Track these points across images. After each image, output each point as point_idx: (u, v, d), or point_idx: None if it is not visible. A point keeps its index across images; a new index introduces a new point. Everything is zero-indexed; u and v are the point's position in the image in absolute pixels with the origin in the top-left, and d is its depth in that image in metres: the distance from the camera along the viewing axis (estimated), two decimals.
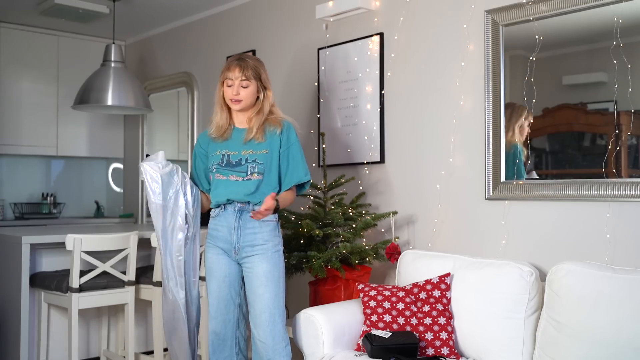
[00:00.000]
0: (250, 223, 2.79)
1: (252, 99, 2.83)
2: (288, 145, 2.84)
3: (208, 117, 4.99)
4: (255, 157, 2.80)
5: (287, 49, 4.23)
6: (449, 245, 3.22)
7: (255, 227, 2.78)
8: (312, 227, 3.19)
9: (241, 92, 2.80)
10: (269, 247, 2.79)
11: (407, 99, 3.48)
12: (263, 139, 2.82)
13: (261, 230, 2.79)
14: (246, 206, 2.80)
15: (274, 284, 2.77)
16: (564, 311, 2.40)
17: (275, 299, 2.76)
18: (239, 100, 2.81)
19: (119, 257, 3.45)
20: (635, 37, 2.59)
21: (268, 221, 2.80)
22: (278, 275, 2.79)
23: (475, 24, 3.15)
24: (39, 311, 3.58)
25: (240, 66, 2.79)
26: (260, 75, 2.83)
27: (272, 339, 2.73)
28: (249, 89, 2.80)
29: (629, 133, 2.59)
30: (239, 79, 2.79)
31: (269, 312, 2.74)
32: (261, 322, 2.74)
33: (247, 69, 2.79)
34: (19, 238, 3.45)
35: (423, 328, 2.70)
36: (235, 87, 2.80)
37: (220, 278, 2.85)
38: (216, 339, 2.88)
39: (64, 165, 5.95)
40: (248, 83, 2.79)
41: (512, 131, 2.98)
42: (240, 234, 2.79)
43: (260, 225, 2.79)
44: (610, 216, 2.64)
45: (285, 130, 2.85)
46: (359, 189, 3.65)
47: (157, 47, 5.65)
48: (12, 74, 5.37)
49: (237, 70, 2.79)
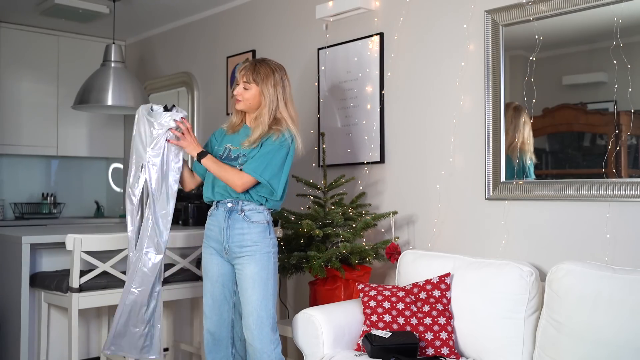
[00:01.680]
0: (238, 223, 2.77)
1: (255, 102, 2.82)
2: (270, 143, 2.75)
3: (208, 117, 5.03)
4: (246, 152, 2.79)
5: (287, 49, 4.23)
6: (449, 245, 3.22)
7: (244, 228, 2.77)
8: (312, 227, 3.19)
9: (243, 93, 2.81)
10: (258, 249, 2.76)
11: (407, 99, 3.48)
12: (255, 145, 2.76)
13: (250, 231, 2.77)
14: (235, 206, 2.79)
15: (261, 286, 2.75)
16: (564, 311, 2.40)
17: (262, 301, 2.74)
18: (239, 100, 2.84)
19: (119, 257, 3.45)
20: (635, 37, 2.60)
21: (257, 222, 2.78)
22: (266, 277, 2.76)
23: (475, 24, 3.15)
24: (39, 311, 3.58)
25: (246, 67, 2.82)
26: (267, 84, 2.78)
27: (260, 341, 2.72)
28: (250, 91, 2.80)
29: (629, 133, 2.59)
30: (243, 79, 2.81)
31: (257, 314, 2.73)
32: (249, 325, 2.74)
33: (254, 73, 2.79)
34: (19, 238, 3.44)
35: (423, 328, 2.70)
36: (239, 87, 2.82)
37: (214, 278, 2.86)
38: (211, 339, 2.89)
39: (64, 165, 5.94)
40: (249, 86, 2.80)
41: (517, 138, 2.96)
42: (229, 234, 2.78)
43: (249, 226, 2.77)
44: (610, 216, 2.64)
45: (279, 137, 2.76)
46: (359, 189, 3.65)
47: (157, 47, 5.65)
48: (12, 74, 5.37)
49: (243, 72, 2.82)
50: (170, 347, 4.03)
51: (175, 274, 3.57)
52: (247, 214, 2.77)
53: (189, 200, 4.44)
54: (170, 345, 4.03)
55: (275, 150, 2.75)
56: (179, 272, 3.60)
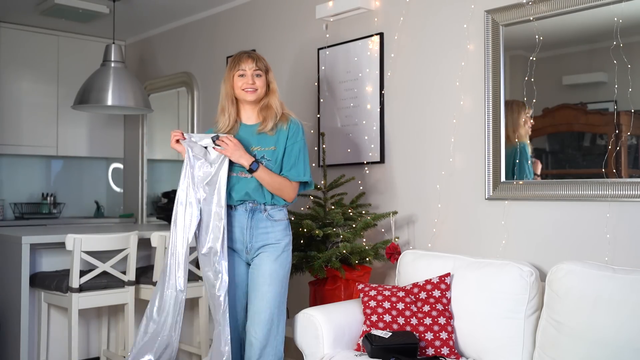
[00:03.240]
0: (262, 223, 2.76)
1: (264, 91, 2.82)
2: (294, 142, 2.81)
3: (208, 117, 5.03)
4: (264, 153, 2.78)
5: (287, 49, 4.23)
6: (449, 245, 3.22)
7: (268, 227, 2.77)
8: (312, 227, 3.20)
9: (256, 81, 2.79)
10: (280, 247, 2.76)
11: (407, 99, 3.48)
12: (272, 133, 2.79)
13: (273, 230, 2.77)
14: (258, 206, 2.77)
15: (278, 283, 2.75)
16: (564, 311, 2.40)
17: (277, 298, 2.74)
18: (255, 89, 2.79)
19: (119, 257, 3.45)
20: (635, 37, 2.59)
21: (280, 220, 2.79)
22: (283, 275, 2.77)
23: (475, 24, 3.15)
24: (39, 311, 3.58)
25: (252, 57, 2.80)
26: (269, 70, 2.84)
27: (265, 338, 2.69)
28: (262, 78, 2.80)
29: (629, 133, 2.59)
30: (252, 69, 2.78)
31: (270, 311, 2.72)
32: (260, 321, 2.71)
33: (259, 61, 2.80)
34: (19, 238, 3.45)
35: (423, 328, 2.70)
36: (249, 77, 2.78)
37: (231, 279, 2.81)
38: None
39: (64, 165, 5.94)
40: (261, 73, 2.79)
41: (517, 128, 2.97)
42: (253, 234, 2.77)
43: (272, 224, 2.77)
44: (610, 216, 2.64)
45: (293, 127, 2.82)
46: (359, 189, 3.65)
47: (157, 47, 5.65)
48: (12, 74, 5.37)
49: (250, 61, 2.79)
50: None
51: None
52: (270, 213, 2.77)
53: None
54: None
55: (302, 146, 2.82)
56: None
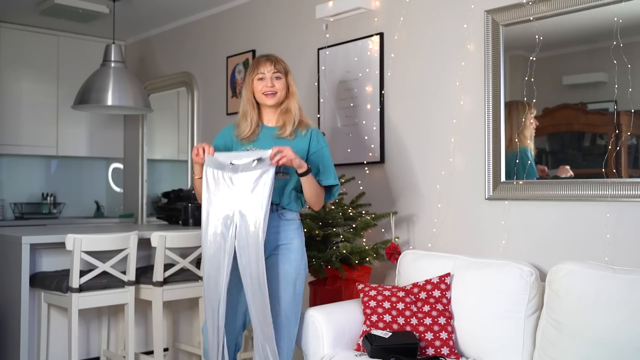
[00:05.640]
0: (273, 222, 2.69)
1: (284, 93, 2.77)
2: (319, 148, 2.76)
3: (208, 117, 5.03)
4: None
5: (287, 49, 4.23)
6: (449, 245, 3.22)
7: (279, 226, 2.71)
8: (312, 227, 3.20)
9: (275, 84, 2.74)
10: (293, 247, 2.71)
11: (407, 99, 3.48)
12: (291, 138, 2.75)
13: (285, 229, 2.72)
14: (272, 206, 2.69)
15: (290, 286, 2.68)
16: (564, 311, 2.40)
17: (290, 302, 2.67)
18: (274, 92, 2.74)
19: (119, 257, 3.45)
20: (635, 37, 2.60)
21: (291, 220, 2.74)
22: (296, 276, 2.70)
23: (475, 24, 3.15)
24: (39, 311, 3.58)
25: (270, 60, 2.76)
26: (288, 72, 2.79)
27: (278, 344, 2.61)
28: (282, 81, 2.75)
29: (629, 133, 2.59)
30: (271, 72, 2.73)
31: (284, 314, 2.65)
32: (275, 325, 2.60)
33: (278, 63, 2.76)
34: (19, 238, 3.44)
35: (423, 328, 2.70)
36: (269, 80, 2.74)
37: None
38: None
39: (64, 165, 5.94)
40: (280, 75, 2.75)
41: (520, 130, 2.96)
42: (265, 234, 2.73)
43: (284, 224, 2.72)
44: (610, 216, 2.64)
45: (314, 134, 2.78)
46: (359, 189, 3.65)
47: (157, 47, 5.65)
48: (12, 74, 5.37)
49: (269, 64, 2.74)
50: (170, 347, 4.04)
51: (175, 274, 3.58)
52: (281, 212, 2.73)
53: (189, 200, 4.44)
54: (170, 345, 4.03)
55: (328, 152, 2.79)
56: (179, 272, 3.60)
